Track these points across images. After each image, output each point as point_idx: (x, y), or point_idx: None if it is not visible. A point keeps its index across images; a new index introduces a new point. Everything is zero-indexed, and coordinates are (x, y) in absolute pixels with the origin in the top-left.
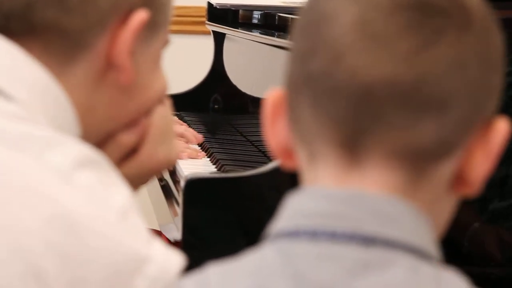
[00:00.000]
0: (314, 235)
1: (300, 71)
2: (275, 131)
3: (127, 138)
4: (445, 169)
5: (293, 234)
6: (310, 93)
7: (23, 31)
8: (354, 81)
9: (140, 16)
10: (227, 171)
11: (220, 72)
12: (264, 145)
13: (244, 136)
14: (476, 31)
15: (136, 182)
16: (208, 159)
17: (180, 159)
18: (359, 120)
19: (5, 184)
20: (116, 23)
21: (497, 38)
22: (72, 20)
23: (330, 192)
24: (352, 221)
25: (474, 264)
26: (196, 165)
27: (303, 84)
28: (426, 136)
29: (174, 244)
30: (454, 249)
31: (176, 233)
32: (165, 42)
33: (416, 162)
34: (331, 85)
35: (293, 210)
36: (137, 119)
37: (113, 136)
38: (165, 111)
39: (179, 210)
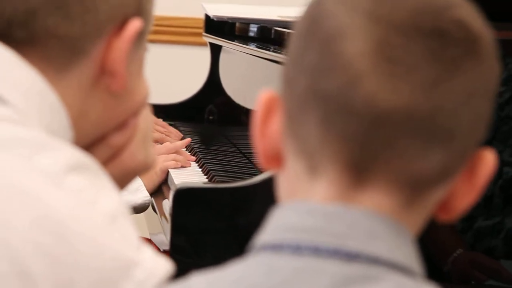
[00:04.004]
0: (297, 249)
1: (309, 85)
2: (265, 134)
3: (117, 140)
4: (437, 195)
5: (277, 247)
6: (320, 109)
7: (23, 37)
8: (370, 106)
9: (135, 24)
10: (217, 182)
11: (216, 84)
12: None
13: (237, 148)
14: (484, 62)
15: (119, 182)
16: (200, 169)
17: (173, 168)
18: (370, 144)
19: None
20: (112, 31)
21: (497, 68)
22: (71, 28)
23: (314, 207)
24: (335, 236)
25: (455, 283)
26: (188, 174)
27: (312, 99)
28: (431, 165)
29: (163, 253)
30: (436, 267)
31: (165, 242)
32: (145, 49)
33: (416, 189)
34: (345, 106)
35: (277, 224)
36: (126, 121)
37: (103, 138)
38: (148, 114)
39: (168, 218)
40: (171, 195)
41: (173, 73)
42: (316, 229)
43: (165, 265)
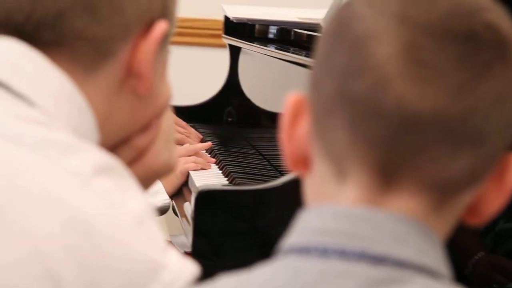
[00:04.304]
0: (324, 252)
1: (337, 88)
2: (292, 137)
3: (141, 141)
4: (465, 199)
5: (304, 250)
6: (348, 113)
7: (51, 39)
8: (399, 110)
9: (161, 27)
10: (238, 184)
11: (234, 85)
12: (276, 159)
13: (257, 150)
14: None
15: (142, 183)
16: (220, 171)
17: (193, 170)
18: (398, 148)
19: (22, 187)
20: (138, 33)
21: None
22: (99, 30)
23: (340, 210)
24: (362, 240)
25: (477, 286)
26: (208, 176)
27: (340, 102)
28: (460, 169)
29: (184, 254)
30: (457, 270)
31: (186, 244)
32: (168, 51)
33: (444, 192)
34: (374, 110)
35: (304, 226)
36: (149, 122)
37: (127, 140)
38: (170, 115)
39: (190, 220)
40: (193, 197)
41: (192, 74)
42: (343, 232)
43: (191, 268)
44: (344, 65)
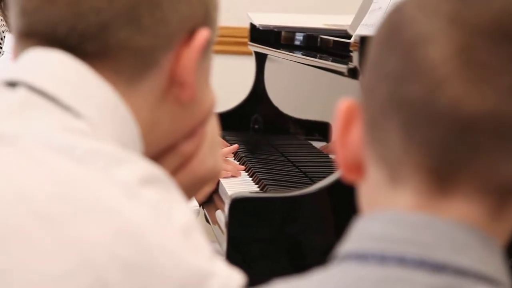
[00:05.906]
0: (382, 259)
1: (391, 92)
2: (345, 143)
3: (187, 148)
4: None
5: (362, 257)
6: (402, 117)
7: (95, 51)
8: (455, 112)
9: (204, 34)
10: (270, 191)
11: (261, 93)
12: (305, 165)
13: (285, 157)
14: None
15: (189, 190)
16: (250, 178)
17: (224, 177)
18: (456, 151)
19: (73, 199)
20: (181, 41)
21: None
22: (143, 40)
23: (399, 217)
24: (421, 247)
25: None
26: (239, 184)
27: (394, 106)
28: None
29: None
30: None
31: (219, 251)
32: (211, 58)
33: (502, 196)
34: (429, 113)
35: (362, 233)
36: (194, 129)
37: (172, 147)
38: (215, 121)
39: (224, 228)
40: (226, 205)
41: (218, 82)
42: (402, 238)
43: (238, 277)
44: (398, 70)
